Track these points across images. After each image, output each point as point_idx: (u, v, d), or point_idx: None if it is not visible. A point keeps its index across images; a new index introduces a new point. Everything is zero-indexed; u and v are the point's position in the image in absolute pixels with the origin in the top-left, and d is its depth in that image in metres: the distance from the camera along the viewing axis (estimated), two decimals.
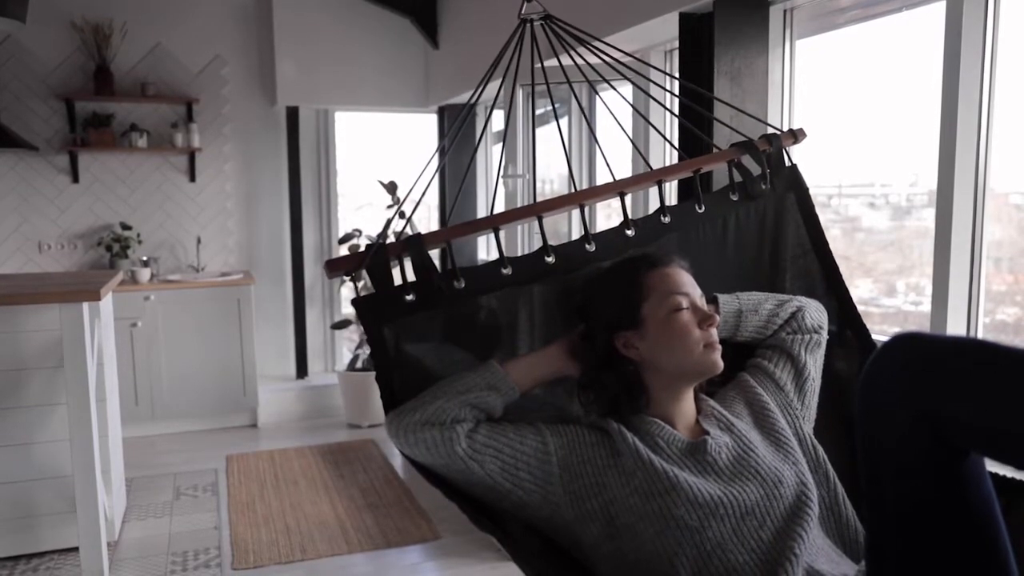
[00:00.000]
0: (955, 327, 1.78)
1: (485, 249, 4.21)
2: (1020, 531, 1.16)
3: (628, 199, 1.43)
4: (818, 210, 1.56)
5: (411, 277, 1.30)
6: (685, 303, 1.22)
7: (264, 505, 3.35)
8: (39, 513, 2.79)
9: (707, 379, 1.29)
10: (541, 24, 1.51)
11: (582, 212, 1.40)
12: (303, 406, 4.67)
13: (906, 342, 0.93)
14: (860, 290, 2.20)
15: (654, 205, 1.48)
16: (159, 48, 4.52)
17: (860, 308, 1.54)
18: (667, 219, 1.44)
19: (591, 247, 1.37)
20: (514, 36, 1.50)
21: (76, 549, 2.73)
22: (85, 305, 2.60)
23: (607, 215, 3.12)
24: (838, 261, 1.55)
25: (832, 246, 1.56)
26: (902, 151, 2.08)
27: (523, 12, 1.50)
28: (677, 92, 2.13)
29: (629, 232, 1.40)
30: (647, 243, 1.40)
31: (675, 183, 2.01)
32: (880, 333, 2.03)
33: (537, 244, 1.37)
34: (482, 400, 1.18)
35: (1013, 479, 1.23)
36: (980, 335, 1.79)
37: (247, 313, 4.40)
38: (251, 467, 3.83)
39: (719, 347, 1.23)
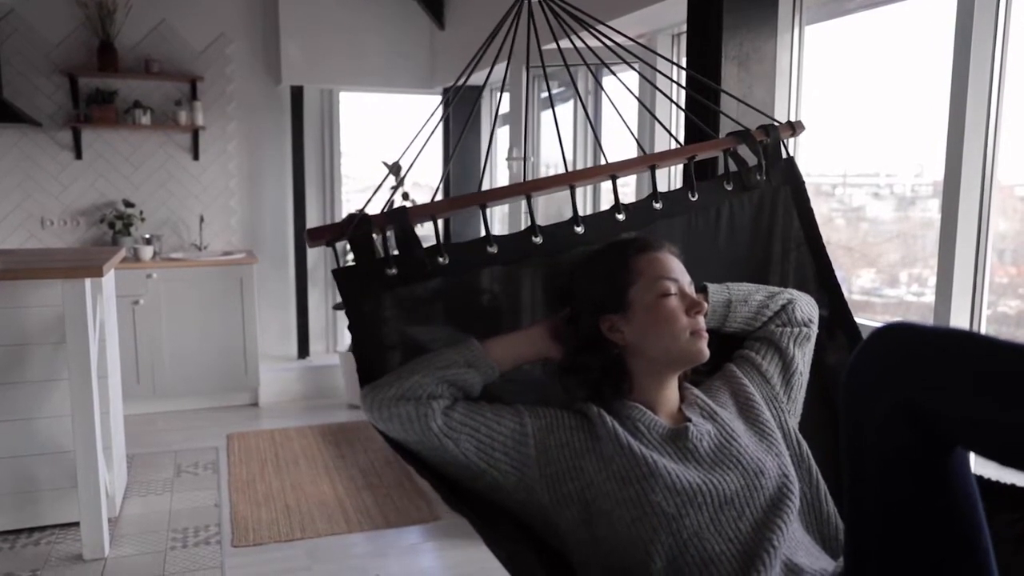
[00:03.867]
0: (958, 318, 1.78)
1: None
2: (1002, 536, 1.15)
3: (632, 184, 1.42)
4: (823, 199, 1.55)
5: (395, 251, 1.26)
6: (673, 289, 1.20)
7: (264, 484, 3.37)
8: (40, 488, 2.81)
9: (692, 368, 1.27)
10: (540, 2, 1.47)
11: (572, 193, 1.38)
12: (304, 386, 4.68)
13: (892, 331, 0.91)
14: (863, 280, 2.19)
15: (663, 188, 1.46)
16: (163, 25, 4.50)
17: (862, 298, 1.54)
18: (659, 205, 1.42)
19: (580, 229, 1.35)
20: (510, 13, 1.46)
21: (77, 524, 2.76)
22: (87, 281, 2.60)
23: (611, 200, 3.10)
24: (842, 251, 1.54)
25: (836, 236, 1.55)
26: (908, 141, 2.06)
27: None
28: (683, 78, 2.10)
29: (620, 216, 1.39)
30: (638, 228, 1.38)
31: (679, 170, 2.00)
32: (878, 324, 2.03)
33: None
34: (460, 377, 1.16)
35: (997, 483, 1.20)
36: (983, 327, 1.79)
37: (249, 292, 4.40)
38: (252, 446, 3.85)
39: (706, 335, 1.21)
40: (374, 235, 1.25)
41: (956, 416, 0.86)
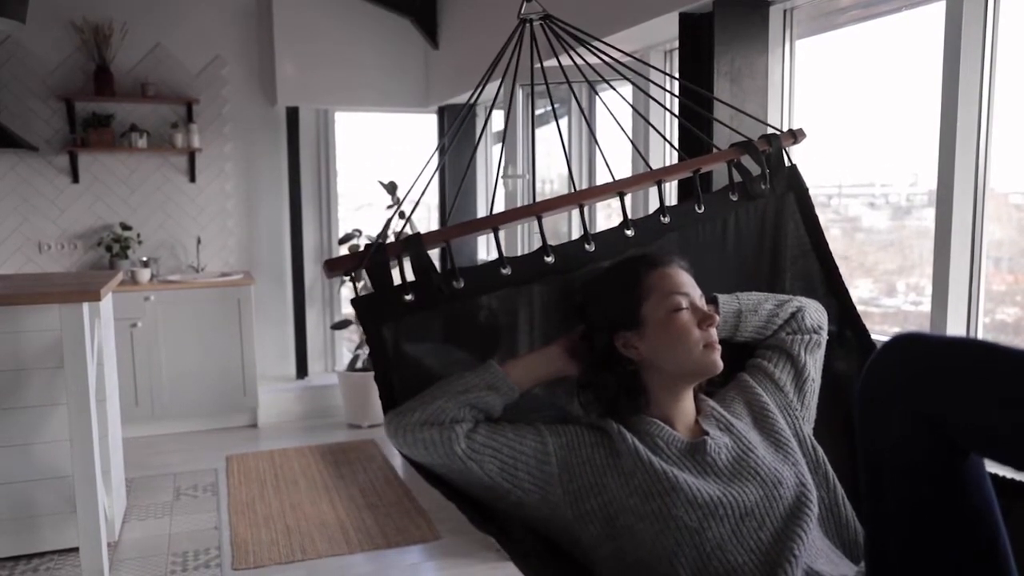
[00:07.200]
0: (955, 327, 1.78)
1: (485, 249, 4.21)
2: (1020, 534, 1.17)
3: (628, 199, 1.43)
4: (818, 210, 1.56)
5: (411, 277, 1.30)
6: (685, 303, 1.22)
7: (264, 505, 3.35)
8: (39, 513, 2.79)
9: (707, 379, 1.29)
10: (540, 24, 1.51)
11: (581, 212, 1.40)
12: (303, 406, 4.67)
13: (906, 341, 0.93)
14: (860, 290, 2.20)
15: (654, 205, 1.47)
16: (159, 48, 4.52)
17: (860, 308, 1.54)
18: (667, 219, 1.44)
19: (590, 247, 1.37)
20: (513, 36, 1.50)
21: (76, 549, 2.73)
22: (85, 305, 2.60)
23: (607, 215, 3.12)
24: (838, 261, 1.55)
25: (832, 246, 1.56)
26: (902, 151, 2.08)
27: (522, 12, 1.51)
28: (677, 92, 2.12)
29: (628, 232, 1.40)
30: (647, 243, 1.40)
31: (675, 184, 2.01)
32: (880, 333, 2.03)
33: (537, 244, 1.37)
34: (481, 400, 1.18)
35: (1013, 480, 1.23)
36: (980, 335, 1.79)
37: (247, 313, 4.40)
38: (251, 467, 3.83)
39: (719, 347, 1.23)
40: (390, 263, 1.28)
41: (972, 425, 0.87)
